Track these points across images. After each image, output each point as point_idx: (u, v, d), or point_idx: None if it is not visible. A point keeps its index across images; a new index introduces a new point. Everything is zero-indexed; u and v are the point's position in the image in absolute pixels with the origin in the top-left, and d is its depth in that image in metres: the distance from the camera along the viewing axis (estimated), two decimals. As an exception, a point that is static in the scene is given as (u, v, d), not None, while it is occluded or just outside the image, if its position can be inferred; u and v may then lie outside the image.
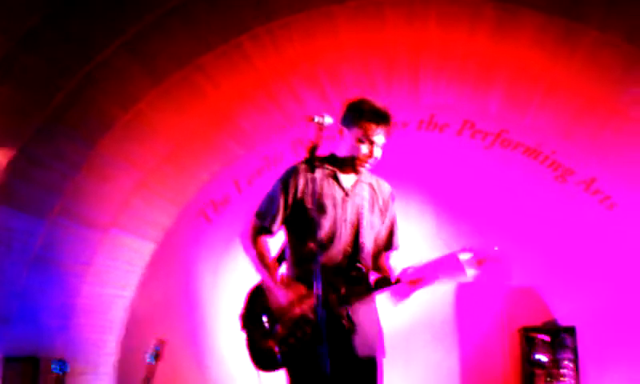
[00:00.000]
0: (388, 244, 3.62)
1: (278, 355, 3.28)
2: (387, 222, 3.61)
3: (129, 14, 5.16)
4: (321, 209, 3.34)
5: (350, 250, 3.37)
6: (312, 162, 3.28)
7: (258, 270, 3.47)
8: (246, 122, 6.52)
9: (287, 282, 3.39)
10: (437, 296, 6.25)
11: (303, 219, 3.38)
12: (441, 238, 6.22)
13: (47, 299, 5.85)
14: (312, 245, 3.21)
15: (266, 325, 3.37)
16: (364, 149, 3.36)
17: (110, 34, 5.22)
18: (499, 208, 6.37)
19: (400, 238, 3.68)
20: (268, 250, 3.49)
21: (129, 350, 6.56)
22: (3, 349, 5.43)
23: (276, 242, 3.63)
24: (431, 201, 6.43)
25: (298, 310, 3.24)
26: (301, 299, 3.24)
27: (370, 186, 3.55)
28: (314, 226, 3.20)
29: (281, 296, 3.33)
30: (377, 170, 3.63)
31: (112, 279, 6.46)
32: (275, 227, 3.46)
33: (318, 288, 2.83)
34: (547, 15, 5.41)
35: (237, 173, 6.76)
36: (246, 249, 3.53)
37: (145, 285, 6.74)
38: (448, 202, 6.43)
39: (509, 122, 6.41)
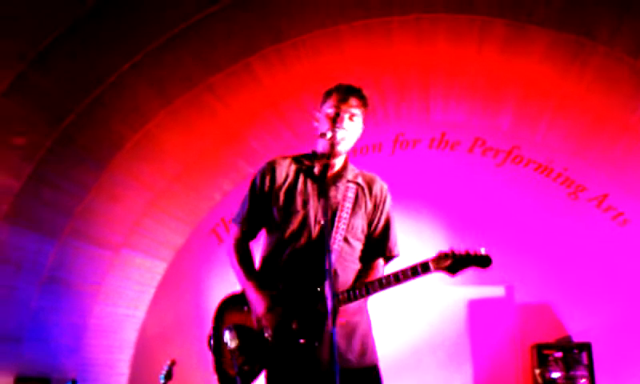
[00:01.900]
0: (382, 249, 3.27)
1: (237, 378, 3.08)
2: (380, 224, 3.27)
3: (139, 35, 5.19)
4: (289, 206, 3.15)
5: (319, 253, 2.96)
6: (295, 159, 3.23)
7: (238, 279, 3.25)
8: (256, 140, 6.53)
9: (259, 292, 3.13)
10: (449, 313, 6.22)
11: (272, 217, 3.20)
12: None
13: (58, 319, 5.86)
14: (280, 245, 3.12)
15: (230, 343, 3.11)
16: (334, 119, 3.09)
17: (121, 56, 5.25)
18: (512, 225, 6.34)
19: (399, 244, 3.34)
20: (249, 257, 3.27)
21: (140, 370, 6.55)
22: (15, 368, 5.44)
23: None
24: (443, 219, 6.41)
25: (267, 332, 3.03)
26: (267, 318, 3.03)
27: (358, 185, 3.22)
28: (282, 224, 3.12)
29: (254, 310, 3.10)
30: (391, 189, 3.39)
31: (123, 299, 6.47)
32: (250, 228, 3.27)
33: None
34: (557, 32, 5.39)
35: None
36: (229, 261, 3.31)
37: (156, 304, 6.74)
38: (460, 219, 6.40)
39: (520, 138, 6.40)
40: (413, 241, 3.73)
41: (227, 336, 3.11)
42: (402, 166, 6.54)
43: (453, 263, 2.99)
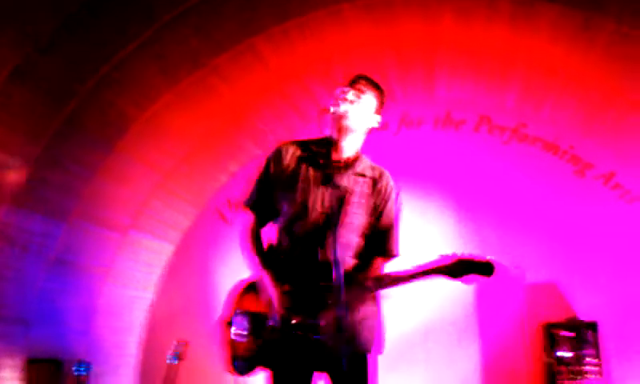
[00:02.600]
0: (382, 248, 3.24)
1: (251, 359, 3.12)
2: (384, 221, 3.23)
3: (143, 16, 5.17)
4: (290, 193, 3.15)
5: (320, 245, 3.02)
6: (303, 144, 3.24)
7: (252, 266, 3.26)
8: (262, 121, 6.52)
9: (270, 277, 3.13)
10: (458, 293, 6.21)
11: (275, 202, 3.23)
12: (461, 237, 6.16)
13: (68, 301, 5.89)
14: (282, 232, 3.15)
15: (243, 328, 3.16)
16: (338, 95, 3.12)
17: (126, 37, 5.24)
18: (518, 204, 6.32)
19: (401, 244, 3.29)
20: (261, 245, 3.29)
21: (149, 351, 6.60)
22: (26, 351, 5.48)
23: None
24: (449, 199, 6.39)
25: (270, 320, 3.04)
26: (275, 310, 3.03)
27: (365, 178, 3.19)
28: (284, 210, 3.14)
29: (265, 292, 3.11)
30: (394, 169, 3.38)
31: (132, 281, 6.51)
32: (259, 213, 3.27)
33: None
34: (564, 7, 5.33)
35: (254, 172, 6.76)
36: (241, 248, 3.30)
37: (164, 286, 6.78)
38: (466, 199, 6.38)
39: (526, 116, 6.36)
40: (419, 221, 3.71)
41: (240, 320, 3.17)
42: (408, 145, 6.52)
43: (453, 270, 3.02)
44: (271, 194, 3.24)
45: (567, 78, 5.95)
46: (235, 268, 6.56)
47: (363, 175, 3.19)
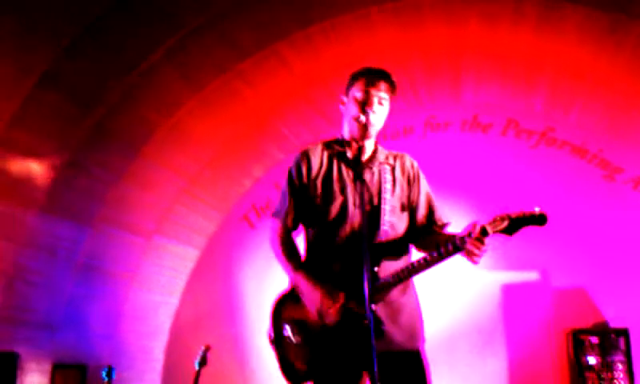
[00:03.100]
0: (430, 222, 3.25)
1: (307, 369, 3.08)
2: (422, 199, 3.25)
3: (169, 23, 5.20)
4: (327, 194, 3.14)
5: (366, 238, 2.91)
6: (326, 145, 3.22)
7: (287, 272, 3.20)
8: (286, 126, 6.53)
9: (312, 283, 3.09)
10: (483, 297, 6.17)
11: (311, 206, 3.18)
12: (487, 241, 6.09)
13: (93, 306, 5.93)
14: (322, 234, 3.10)
15: (292, 338, 3.15)
16: (364, 103, 3.07)
17: (151, 44, 5.27)
18: (546, 208, 6.24)
19: (445, 211, 3.31)
20: (295, 249, 3.24)
21: (174, 356, 6.62)
22: (53, 356, 5.52)
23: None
24: (476, 202, 6.33)
25: (330, 318, 2.98)
26: (328, 303, 2.98)
27: (390, 166, 3.22)
28: (322, 212, 3.09)
29: (310, 300, 3.05)
30: (423, 172, 3.35)
31: (157, 286, 6.53)
32: (292, 220, 3.24)
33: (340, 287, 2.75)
34: (591, 9, 5.28)
35: (278, 177, 6.77)
36: (275, 255, 3.26)
37: (189, 291, 6.80)
38: (493, 203, 6.28)
39: (554, 120, 6.30)
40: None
41: (289, 331, 3.14)
42: (434, 149, 6.48)
43: (510, 225, 2.93)
44: (304, 199, 3.22)
45: (595, 81, 5.88)
46: (260, 272, 6.65)
47: (387, 163, 3.23)
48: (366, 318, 2.73)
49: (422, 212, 3.26)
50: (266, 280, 6.60)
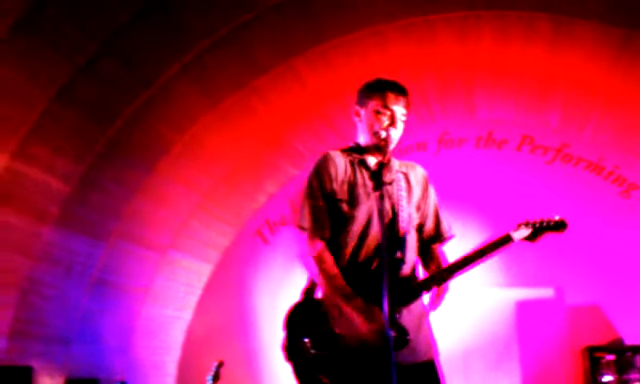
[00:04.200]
0: (438, 234, 3.27)
1: (330, 382, 2.99)
2: (430, 210, 3.27)
3: (186, 39, 5.24)
4: (354, 199, 3.09)
5: (388, 246, 2.89)
6: (345, 151, 3.19)
7: (323, 288, 3.09)
8: (300, 142, 6.54)
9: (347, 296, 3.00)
10: (497, 314, 6.14)
11: (336, 213, 3.11)
12: (502, 258, 6.07)
13: (107, 321, 5.94)
14: (347, 241, 3.06)
15: (312, 350, 3.06)
16: (384, 119, 3.07)
17: (167, 60, 5.30)
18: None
19: (450, 224, 3.32)
20: (336, 267, 3.08)
21: (186, 371, 6.61)
22: (65, 370, 5.53)
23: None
24: (490, 219, 6.31)
25: (371, 335, 2.89)
26: (368, 318, 2.91)
27: (404, 175, 3.22)
28: (349, 219, 3.05)
29: (360, 319, 2.94)
30: (436, 189, 3.35)
31: (170, 301, 6.54)
32: (329, 230, 3.12)
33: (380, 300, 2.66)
34: (604, 24, 5.27)
35: (292, 193, 6.79)
36: (313, 274, 3.16)
37: (202, 306, 6.80)
38: (508, 219, 6.27)
39: (569, 136, 6.29)
40: (459, 242, 3.66)
41: (308, 343, 3.07)
42: (448, 165, 6.48)
43: (532, 232, 3.11)
44: (334, 205, 3.13)
45: (609, 97, 5.87)
46: (273, 288, 6.65)
47: (400, 171, 3.22)
48: (394, 328, 2.78)
49: (429, 223, 3.27)
50: (279, 295, 6.61)
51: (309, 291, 3.28)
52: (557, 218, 3.14)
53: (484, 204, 6.33)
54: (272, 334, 6.61)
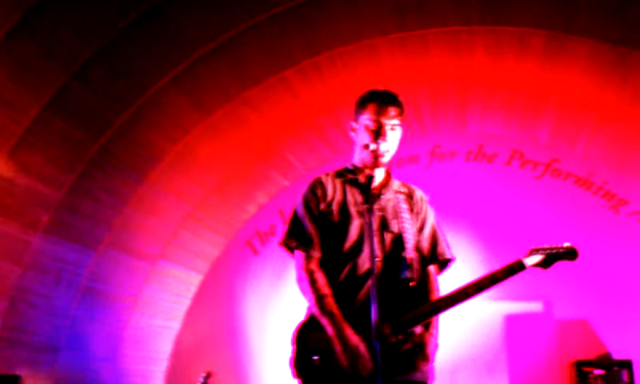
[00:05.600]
0: (433, 256, 3.22)
1: None
2: (427, 230, 3.23)
3: (178, 50, 5.24)
4: (344, 219, 3.08)
5: (384, 264, 2.98)
6: (338, 174, 3.20)
7: (323, 317, 3.00)
8: (292, 153, 6.55)
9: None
10: (486, 328, 6.14)
11: (328, 230, 3.10)
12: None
13: (95, 330, 5.91)
14: (339, 258, 3.05)
15: (321, 368, 3.01)
16: (376, 132, 3.04)
17: (159, 70, 5.30)
18: (550, 239, 6.23)
19: (449, 247, 3.29)
20: (328, 287, 3.06)
21: (174, 382, 6.58)
22: (53, 379, 5.49)
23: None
24: (481, 232, 6.35)
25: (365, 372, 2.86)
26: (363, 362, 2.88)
27: (404, 195, 3.21)
28: (341, 237, 3.05)
29: (346, 345, 2.91)
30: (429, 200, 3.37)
31: (159, 310, 6.51)
32: (319, 247, 3.11)
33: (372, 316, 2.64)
34: (597, 41, 5.31)
35: (282, 204, 6.79)
36: (303, 291, 3.12)
37: (192, 316, 6.77)
38: (498, 233, 6.32)
39: (559, 151, 6.33)
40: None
41: (318, 360, 3.03)
42: (439, 178, 6.50)
43: (545, 260, 3.14)
44: (321, 222, 3.14)
45: (601, 114, 5.91)
46: (262, 298, 6.64)
47: (399, 192, 3.21)
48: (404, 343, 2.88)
49: (425, 244, 3.22)
50: (269, 306, 6.61)
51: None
52: (567, 245, 3.17)
53: (474, 217, 6.36)
54: (261, 344, 6.61)
